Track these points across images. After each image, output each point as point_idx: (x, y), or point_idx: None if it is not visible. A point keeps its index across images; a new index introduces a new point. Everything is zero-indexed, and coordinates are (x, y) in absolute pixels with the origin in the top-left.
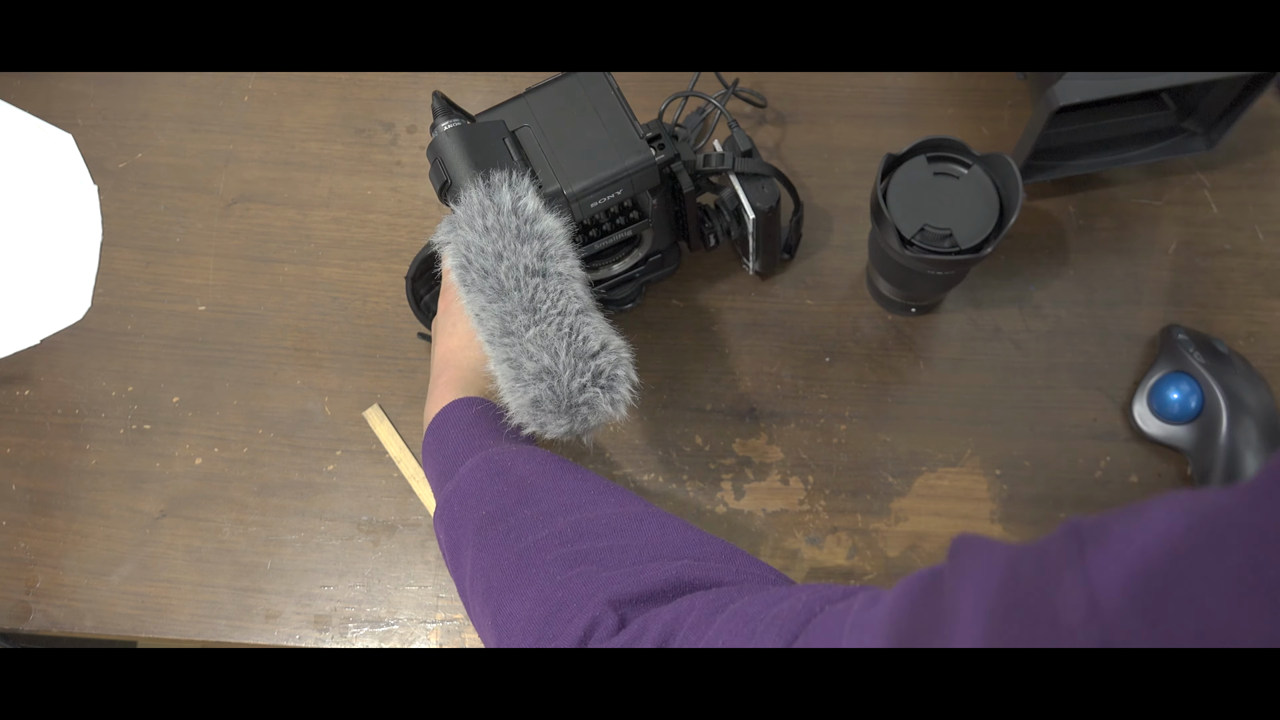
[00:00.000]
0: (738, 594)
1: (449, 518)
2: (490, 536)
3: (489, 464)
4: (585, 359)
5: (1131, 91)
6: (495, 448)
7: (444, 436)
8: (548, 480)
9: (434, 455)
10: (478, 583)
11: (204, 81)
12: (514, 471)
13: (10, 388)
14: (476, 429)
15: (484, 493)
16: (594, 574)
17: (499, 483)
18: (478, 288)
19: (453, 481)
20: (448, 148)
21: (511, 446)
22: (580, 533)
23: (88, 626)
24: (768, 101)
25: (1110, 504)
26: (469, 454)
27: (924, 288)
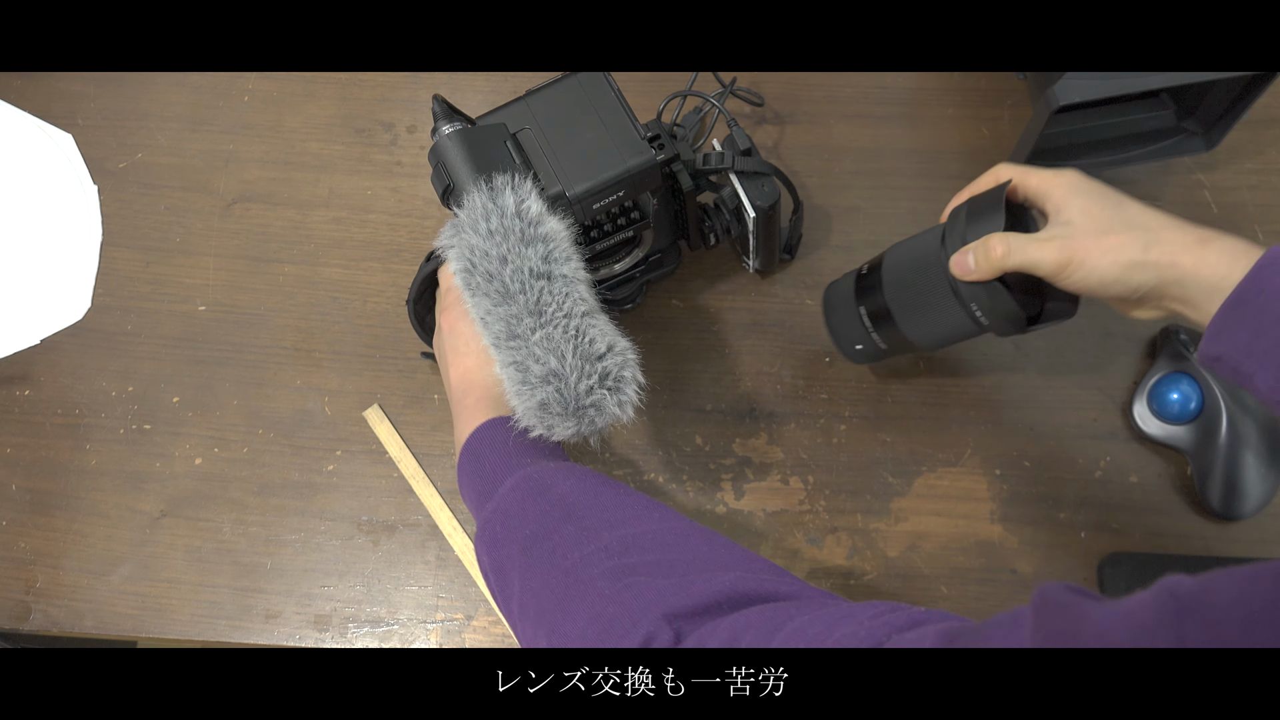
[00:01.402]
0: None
1: (491, 540)
2: (536, 556)
3: (528, 483)
4: (592, 361)
5: (1131, 91)
6: (533, 466)
7: (479, 458)
8: (589, 497)
9: (471, 478)
10: (528, 604)
11: (204, 81)
12: (554, 489)
13: (10, 388)
14: (512, 448)
15: (526, 512)
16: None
17: (540, 501)
18: (483, 291)
19: (492, 503)
20: (449, 152)
21: (549, 464)
22: (627, 547)
23: (88, 626)
24: (766, 101)
25: (1110, 504)
26: (507, 474)
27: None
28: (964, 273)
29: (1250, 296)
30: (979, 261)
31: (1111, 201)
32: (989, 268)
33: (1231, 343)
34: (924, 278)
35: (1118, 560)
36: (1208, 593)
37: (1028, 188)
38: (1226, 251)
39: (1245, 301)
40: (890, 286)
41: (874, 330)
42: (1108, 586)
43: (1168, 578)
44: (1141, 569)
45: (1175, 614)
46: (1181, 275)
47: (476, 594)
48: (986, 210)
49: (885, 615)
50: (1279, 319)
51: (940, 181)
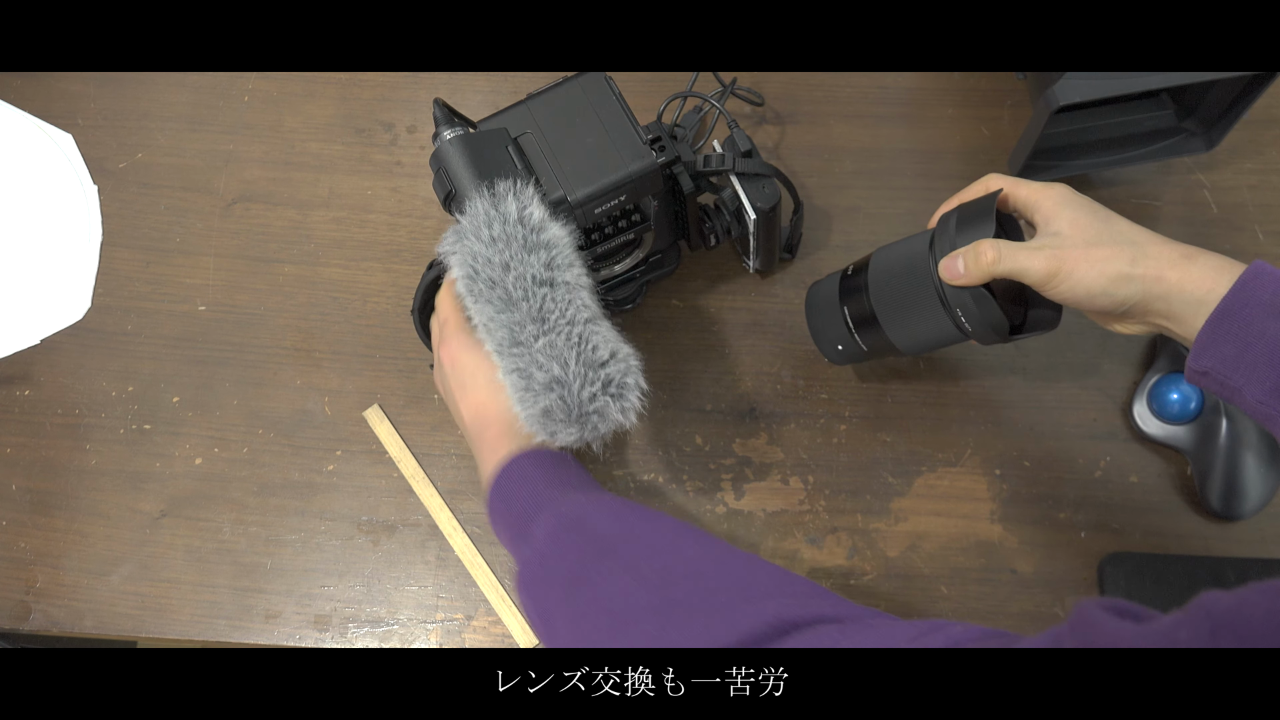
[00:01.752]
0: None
1: (532, 584)
2: (579, 600)
3: (561, 521)
4: (595, 368)
5: (1131, 91)
6: (563, 501)
7: (509, 497)
8: (624, 528)
9: (502, 517)
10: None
11: (204, 81)
12: (588, 526)
13: (10, 388)
14: (540, 483)
15: (564, 553)
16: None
17: (575, 539)
18: (485, 298)
19: (528, 545)
20: (451, 157)
21: (579, 495)
22: (667, 579)
23: (88, 626)
24: (766, 101)
25: (1110, 504)
26: (537, 511)
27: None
28: (953, 276)
29: (1235, 310)
30: (969, 266)
31: (1100, 216)
32: (979, 273)
33: (1218, 357)
34: (911, 282)
35: (1118, 560)
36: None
37: (1017, 198)
38: (1211, 267)
39: (1230, 316)
40: (876, 289)
41: (856, 331)
42: (1108, 586)
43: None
44: (1141, 569)
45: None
46: (1167, 290)
47: (476, 594)
48: (977, 218)
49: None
50: (1264, 332)
51: (940, 181)
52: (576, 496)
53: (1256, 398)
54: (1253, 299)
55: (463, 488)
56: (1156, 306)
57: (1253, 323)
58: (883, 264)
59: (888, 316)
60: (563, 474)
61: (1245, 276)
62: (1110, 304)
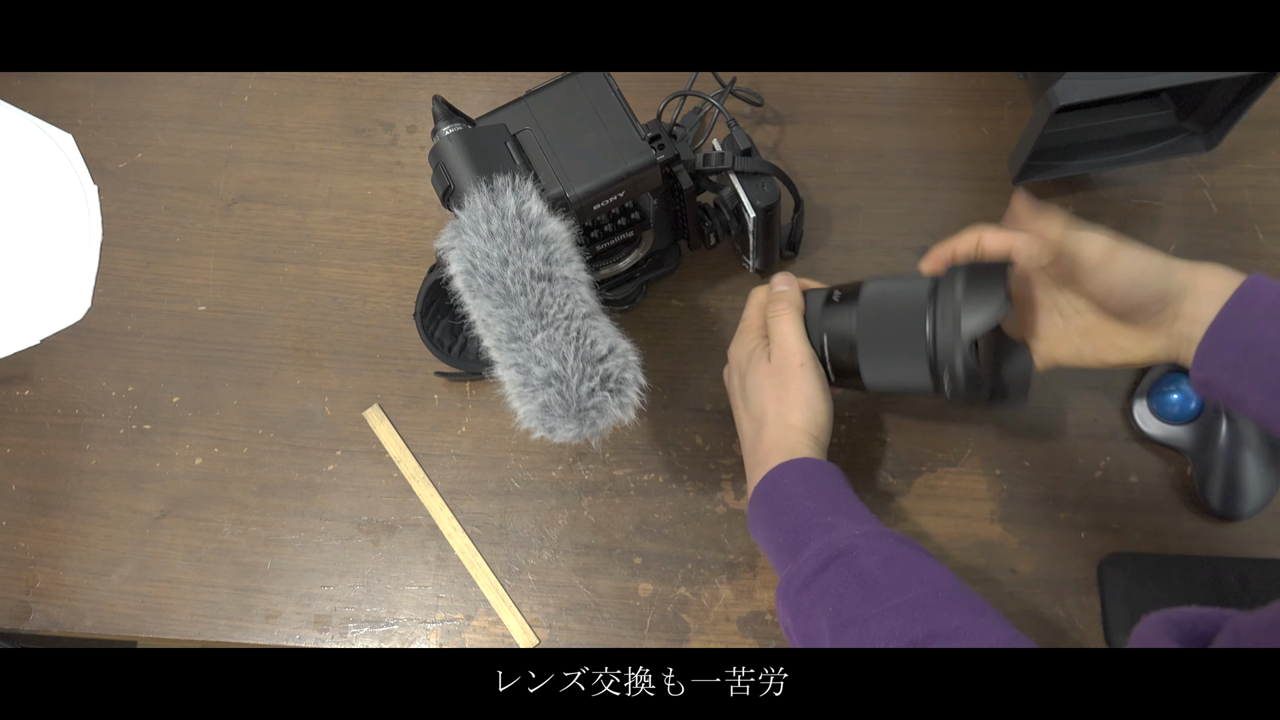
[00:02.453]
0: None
1: (796, 606)
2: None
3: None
4: (593, 363)
5: (1131, 91)
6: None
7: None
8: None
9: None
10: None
11: (204, 81)
12: (855, 563)
13: (10, 388)
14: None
15: (828, 586)
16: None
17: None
18: (483, 293)
19: (795, 564)
20: (450, 153)
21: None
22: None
23: (88, 626)
24: (766, 101)
25: (1110, 504)
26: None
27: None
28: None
29: (1233, 318)
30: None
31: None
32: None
33: (1219, 365)
34: (901, 328)
35: (1118, 560)
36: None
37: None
38: (1221, 272)
39: (1229, 324)
40: (863, 323)
41: (828, 358)
42: (1108, 586)
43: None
44: (1141, 569)
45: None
46: (1195, 285)
47: (476, 594)
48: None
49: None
50: (1264, 335)
51: (940, 181)
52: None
53: (1259, 404)
54: (1252, 305)
55: (463, 488)
56: (1185, 304)
57: (1252, 327)
58: (876, 299)
59: (868, 353)
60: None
61: (1243, 287)
62: (1151, 293)
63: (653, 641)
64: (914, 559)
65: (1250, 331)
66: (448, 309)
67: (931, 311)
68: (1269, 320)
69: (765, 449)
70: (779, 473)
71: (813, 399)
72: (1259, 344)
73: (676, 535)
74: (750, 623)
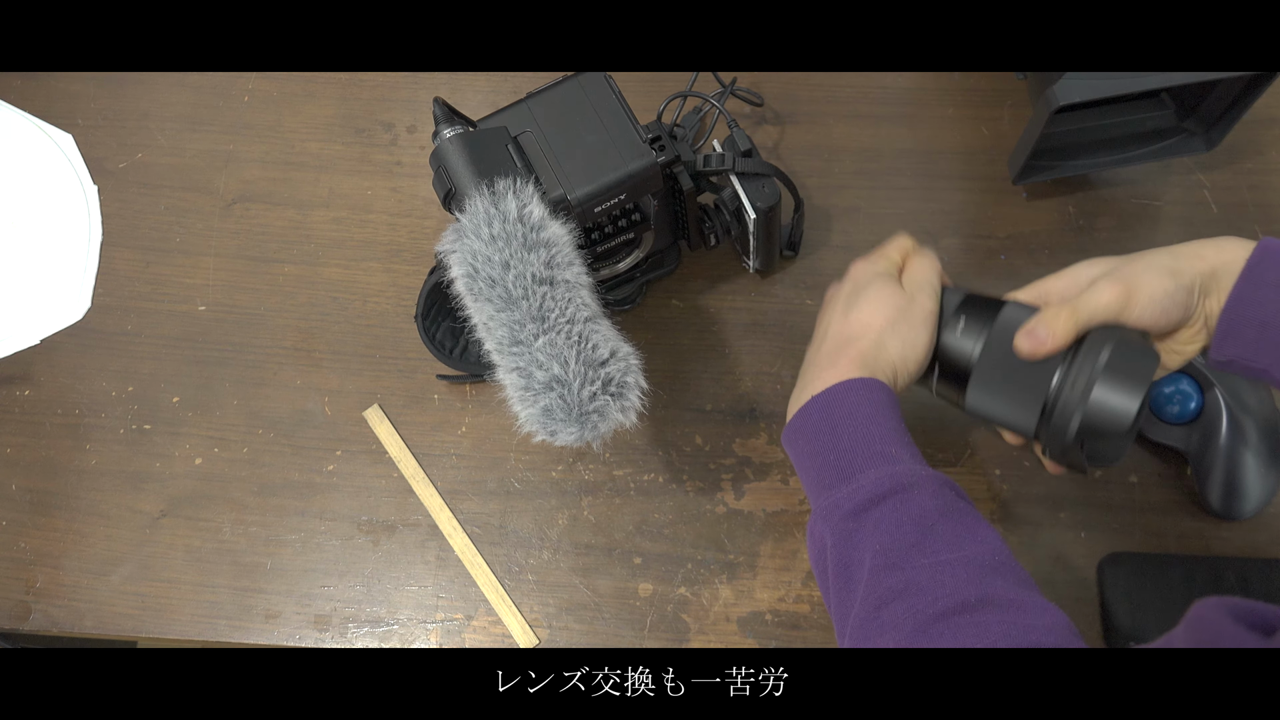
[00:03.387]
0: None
1: (841, 531)
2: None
3: (891, 484)
4: (595, 367)
5: (1131, 91)
6: (899, 464)
7: (836, 425)
8: (950, 527)
9: (817, 439)
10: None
11: (204, 81)
12: (914, 503)
13: (10, 388)
14: (877, 426)
15: (881, 521)
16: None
17: (898, 512)
18: (485, 296)
19: (849, 487)
20: (451, 156)
21: (915, 465)
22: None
23: (88, 626)
24: (766, 101)
25: (1110, 504)
26: (867, 459)
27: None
28: (1036, 347)
29: (1247, 296)
30: (1052, 334)
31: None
32: (1062, 338)
33: (1239, 344)
34: (1031, 369)
35: (1118, 560)
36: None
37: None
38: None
39: (1243, 301)
40: (991, 347)
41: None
42: (1108, 586)
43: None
44: (1141, 569)
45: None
46: (1212, 266)
47: (476, 594)
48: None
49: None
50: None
51: (940, 181)
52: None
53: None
54: (1263, 280)
55: (463, 488)
56: (1211, 290)
57: (1267, 303)
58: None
59: (983, 377)
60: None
61: (1252, 260)
62: (1182, 302)
63: (653, 641)
64: (972, 515)
65: (1267, 308)
66: (449, 311)
67: (1066, 366)
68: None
69: (848, 359)
70: (849, 387)
71: (919, 344)
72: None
73: (676, 535)
74: (750, 623)
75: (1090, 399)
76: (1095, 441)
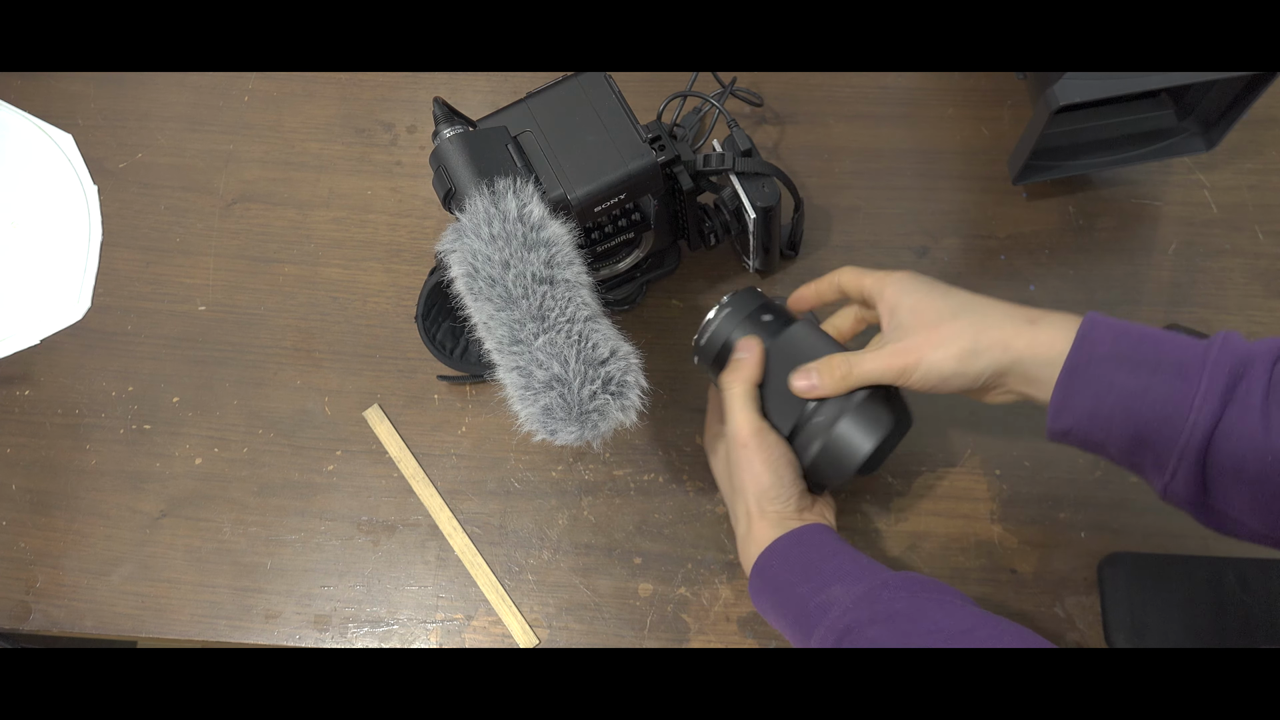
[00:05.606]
0: None
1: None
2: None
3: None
4: (595, 366)
5: (1131, 91)
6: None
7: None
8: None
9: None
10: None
11: (204, 81)
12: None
13: (10, 388)
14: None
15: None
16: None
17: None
18: (485, 296)
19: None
20: (451, 155)
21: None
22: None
23: (88, 626)
24: (766, 101)
25: (1110, 504)
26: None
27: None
28: (808, 389)
29: (1080, 367)
30: (823, 380)
31: (939, 293)
32: (834, 386)
33: (1075, 415)
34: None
35: (1118, 560)
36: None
37: (862, 288)
38: (1056, 326)
39: (1076, 373)
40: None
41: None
42: (1107, 586)
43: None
44: (1141, 569)
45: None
46: (1017, 356)
47: (476, 594)
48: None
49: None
50: (1113, 384)
51: (940, 181)
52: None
53: (1119, 448)
54: (1095, 354)
55: (463, 488)
56: (1013, 374)
57: (1100, 376)
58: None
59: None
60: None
61: (1082, 330)
62: (966, 381)
63: (653, 641)
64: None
65: (1097, 382)
66: (449, 311)
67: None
68: (1116, 366)
69: (741, 539)
70: (761, 565)
71: (761, 475)
72: (1108, 395)
73: (676, 535)
74: (750, 623)
75: (833, 431)
76: (826, 468)
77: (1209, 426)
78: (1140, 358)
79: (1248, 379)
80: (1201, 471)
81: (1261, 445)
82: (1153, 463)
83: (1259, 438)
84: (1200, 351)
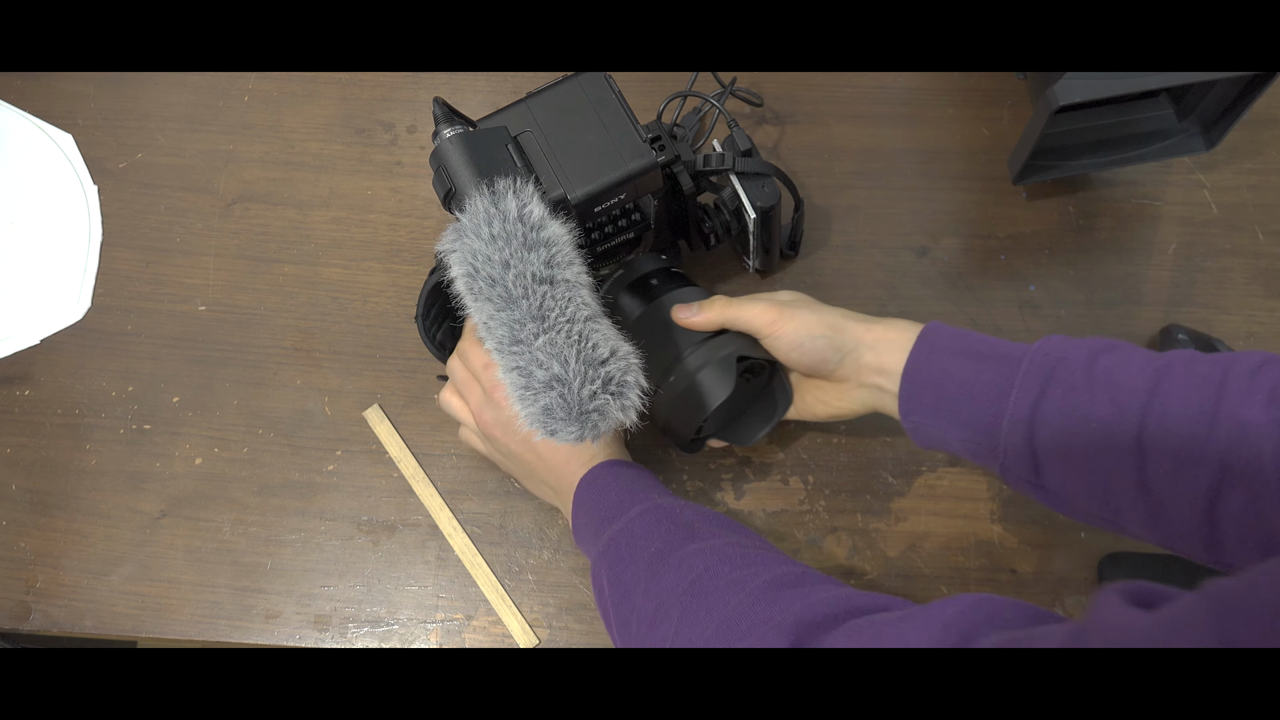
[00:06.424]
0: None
1: (615, 558)
2: (664, 570)
3: (656, 510)
4: (595, 366)
5: (1131, 91)
6: (660, 499)
7: (602, 489)
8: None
9: (589, 507)
10: (660, 619)
11: (204, 81)
12: (680, 516)
13: (10, 388)
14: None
15: (652, 534)
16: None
17: (666, 524)
18: (485, 296)
19: (619, 524)
20: (451, 155)
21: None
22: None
23: (88, 626)
24: (766, 101)
25: None
26: (631, 504)
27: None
28: (686, 318)
29: (922, 359)
30: (705, 311)
31: (811, 301)
32: (713, 318)
33: (920, 411)
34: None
35: (1117, 560)
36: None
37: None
38: (900, 325)
39: (919, 367)
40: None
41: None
42: None
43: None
44: (1141, 569)
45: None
46: (873, 341)
47: (476, 594)
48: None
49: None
50: (951, 372)
51: (940, 181)
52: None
53: (961, 439)
54: (936, 346)
55: (463, 488)
56: (867, 358)
57: (940, 366)
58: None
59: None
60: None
61: (924, 331)
62: (827, 348)
63: None
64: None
65: (938, 372)
66: (449, 312)
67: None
68: (952, 356)
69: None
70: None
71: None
72: (948, 382)
73: None
74: None
75: (699, 374)
76: (686, 413)
77: (1033, 400)
78: (974, 351)
79: (1069, 361)
80: (1031, 450)
81: (1084, 416)
82: (989, 447)
83: (1081, 410)
84: (1028, 346)
